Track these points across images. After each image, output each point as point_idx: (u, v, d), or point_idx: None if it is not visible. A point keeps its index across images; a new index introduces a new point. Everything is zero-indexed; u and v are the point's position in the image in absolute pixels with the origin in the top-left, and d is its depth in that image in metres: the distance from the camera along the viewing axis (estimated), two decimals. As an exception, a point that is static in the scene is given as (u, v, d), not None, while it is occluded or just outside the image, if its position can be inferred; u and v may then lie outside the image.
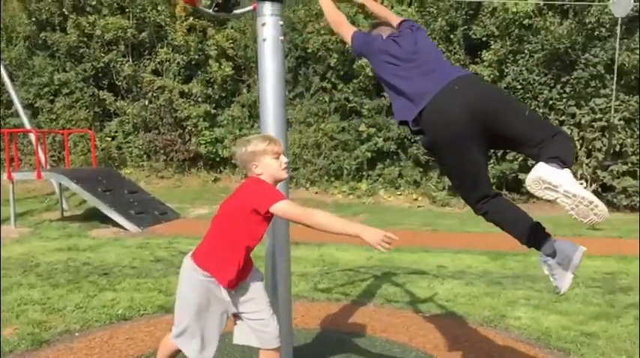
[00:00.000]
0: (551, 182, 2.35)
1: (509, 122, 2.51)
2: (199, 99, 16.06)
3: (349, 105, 15.08)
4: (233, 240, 2.72)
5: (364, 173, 15.09)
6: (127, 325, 4.65)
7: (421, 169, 14.76)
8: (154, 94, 16.18)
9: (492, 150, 13.80)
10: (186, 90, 16.12)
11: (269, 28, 3.38)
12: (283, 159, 2.80)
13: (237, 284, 2.80)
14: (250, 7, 3.54)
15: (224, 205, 2.82)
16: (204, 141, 15.92)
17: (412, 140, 14.45)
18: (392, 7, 14.57)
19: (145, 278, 6.21)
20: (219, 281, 2.74)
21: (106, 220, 9.92)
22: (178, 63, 16.14)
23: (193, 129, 16.07)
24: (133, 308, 5.06)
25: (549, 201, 2.37)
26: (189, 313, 2.78)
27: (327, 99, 15.26)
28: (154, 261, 7.15)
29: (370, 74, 14.19)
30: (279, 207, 2.59)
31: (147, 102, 16.32)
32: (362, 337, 4.35)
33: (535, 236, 2.68)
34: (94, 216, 10.60)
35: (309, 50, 14.94)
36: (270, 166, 2.75)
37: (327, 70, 15.11)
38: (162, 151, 16.32)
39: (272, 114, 3.47)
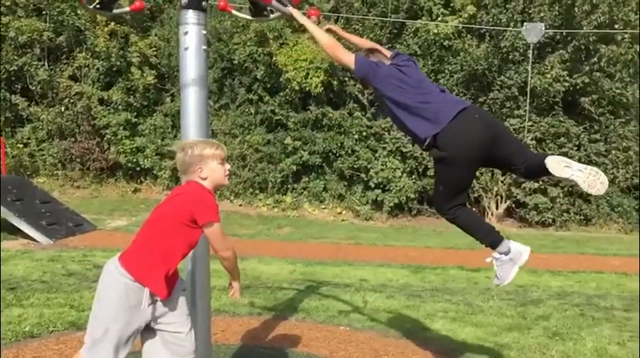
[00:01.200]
0: (568, 162, 2.91)
1: (507, 148, 3.09)
2: (120, 107, 15.54)
3: (275, 117, 15.07)
4: (167, 246, 2.59)
5: (289, 186, 15.09)
6: (35, 343, 4.37)
7: (345, 183, 14.94)
8: (71, 100, 15.51)
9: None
10: (106, 98, 15.57)
11: (191, 37, 3.29)
12: (227, 165, 2.79)
13: (168, 294, 2.64)
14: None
15: (160, 208, 2.69)
16: (124, 151, 15.40)
17: (337, 154, 14.61)
18: (319, 23, 14.72)
19: (55, 293, 5.87)
20: (151, 288, 2.56)
21: (15, 231, 9.35)
22: (98, 69, 15.57)
23: (113, 137, 15.51)
24: (42, 324, 4.75)
25: (565, 178, 2.88)
26: (108, 321, 2.56)
27: (252, 111, 15.18)
28: (66, 275, 6.79)
29: (296, 88, 14.26)
30: (213, 230, 2.58)
31: (63, 109, 15.61)
32: (283, 352, 4.30)
33: (493, 237, 3.14)
34: (1, 227, 9.97)
35: (236, 61, 14.84)
36: (215, 171, 2.72)
37: (254, 82, 15.05)
38: (78, 160, 15.63)
39: (193, 124, 3.38)
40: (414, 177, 14.48)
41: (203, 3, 3.29)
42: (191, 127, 3.42)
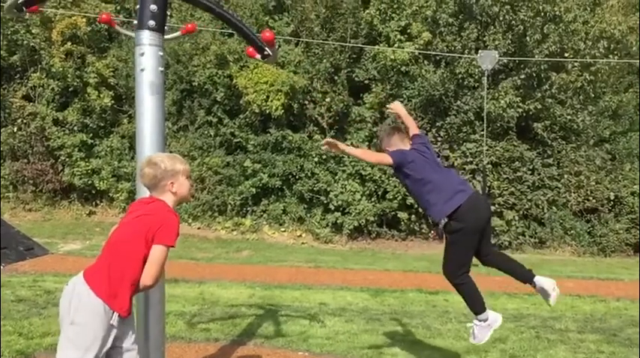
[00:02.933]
0: (554, 286, 3.92)
1: (488, 231, 4.01)
2: (75, 128, 15.20)
3: (235, 140, 14.98)
4: (135, 266, 2.59)
5: (248, 209, 14.96)
6: (-23, 375, 4.16)
7: (305, 206, 14.90)
8: (24, 121, 15.09)
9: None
10: (61, 118, 15.21)
11: (148, 58, 3.26)
12: (191, 180, 2.87)
13: (129, 313, 2.64)
14: None
15: (127, 226, 2.66)
16: (79, 173, 15.03)
17: (297, 176, 14.61)
18: (279, 46, 14.85)
19: (3, 320, 5.62)
20: (117, 308, 2.56)
21: (-40, 256, 8.96)
22: (53, 89, 15.22)
23: (67, 159, 15.13)
24: (-13, 354, 4.55)
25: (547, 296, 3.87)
26: (87, 343, 2.51)
27: (212, 134, 15.06)
28: (15, 302, 6.52)
29: (256, 110, 14.25)
30: (161, 253, 2.61)
31: (16, 129, 15.17)
32: (240, 379, 4.21)
33: (480, 307, 3.83)
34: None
35: (195, 83, 14.74)
36: (183, 186, 2.80)
37: (213, 104, 14.97)
38: (30, 182, 15.17)
39: (149, 146, 3.33)
40: (373, 200, 14.56)
41: (150, 22, 3.25)
42: (147, 149, 3.36)
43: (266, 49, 3.62)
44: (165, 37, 3.67)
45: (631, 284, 9.96)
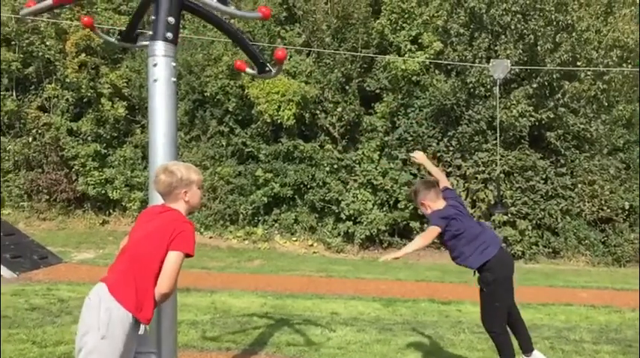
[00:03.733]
0: None
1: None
2: (89, 138, 15.35)
3: (246, 149, 15.05)
4: (155, 274, 2.66)
5: (260, 218, 14.99)
6: (-9, 383, 4.20)
7: (317, 215, 14.91)
8: (39, 131, 15.29)
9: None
10: (75, 129, 15.38)
11: (161, 69, 3.30)
12: (202, 190, 2.98)
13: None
14: None
15: (148, 237, 2.71)
16: (92, 182, 15.17)
17: (308, 186, 14.63)
18: (290, 57, 14.93)
19: (17, 328, 5.67)
20: (143, 320, 2.66)
21: (-24, 265, 9.04)
22: (67, 100, 15.42)
23: (81, 168, 15.29)
24: (1, 362, 4.59)
25: None
26: (117, 355, 2.57)
27: (224, 143, 15.15)
28: (29, 310, 6.58)
29: (268, 120, 14.32)
30: (178, 259, 2.67)
31: (31, 139, 15.36)
32: (251, 389, 4.21)
33: (526, 343, 4.16)
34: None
35: (207, 93, 14.85)
36: (196, 195, 2.89)
37: (225, 114, 15.07)
38: (45, 191, 15.34)
39: (162, 156, 3.36)
40: (384, 209, 14.54)
41: (167, 34, 3.30)
42: (160, 159, 3.39)
43: (268, 65, 3.73)
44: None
45: (646, 295, 9.84)
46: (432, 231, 4.01)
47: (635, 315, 7.72)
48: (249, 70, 4.03)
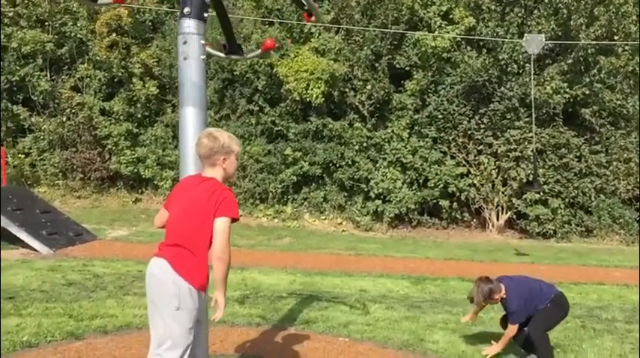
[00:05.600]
0: None
1: None
2: (121, 118, 15.58)
3: (275, 128, 15.08)
4: (207, 244, 2.79)
5: (289, 196, 15.07)
6: (33, 352, 4.35)
7: (346, 194, 14.92)
8: (73, 111, 15.55)
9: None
10: (107, 108, 15.61)
11: (190, 47, 3.32)
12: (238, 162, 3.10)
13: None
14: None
15: (195, 209, 2.81)
16: (125, 161, 15.41)
17: (337, 164, 14.63)
18: (319, 34, 14.83)
19: (54, 302, 5.86)
20: (200, 287, 2.82)
21: (16, 241, 9.33)
22: (100, 79, 15.64)
23: (114, 147, 15.54)
24: (40, 334, 4.74)
25: None
26: (191, 324, 2.80)
27: (253, 122, 15.20)
28: (66, 285, 6.78)
29: (297, 98, 14.31)
30: (227, 224, 2.79)
31: (65, 119, 15.65)
32: (281, 363, 4.28)
33: None
34: (1, 237, 9.95)
35: (236, 72, 14.88)
36: (233, 165, 3.02)
37: (254, 93, 15.09)
38: (79, 170, 15.65)
39: (192, 134, 3.39)
40: (414, 188, 14.46)
41: (204, 14, 3.32)
42: (190, 137, 3.43)
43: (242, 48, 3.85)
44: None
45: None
46: (514, 330, 4.53)
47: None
48: (210, 50, 4.00)
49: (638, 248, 13.71)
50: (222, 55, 4.04)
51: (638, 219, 14.48)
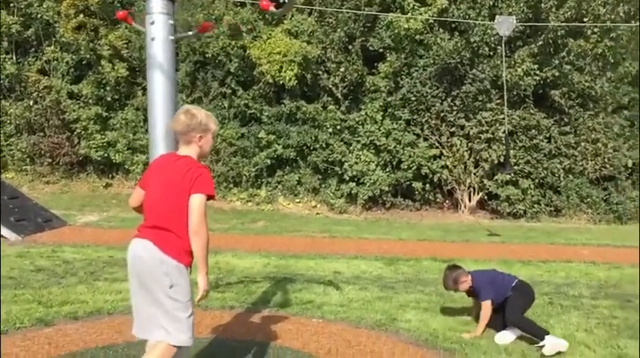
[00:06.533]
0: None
1: None
2: (90, 101, 15.28)
3: (249, 111, 14.98)
4: (186, 222, 2.79)
5: (263, 180, 15.03)
6: (2, 339, 4.28)
7: (320, 177, 14.94)
8: (40, 94, 15.21)
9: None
10: (76, 91, 15.30)
11: (158, 27, 3.26)
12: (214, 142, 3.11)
13: None
14: None
15: (166, 186, 2.82)
16: (95, 145, 15.16)
17: (311, 147, 14.62)
18: (292, 16, 14.70)
19: (23, 289, 5.76)
20: (186, 263, 2.84)
21: (-18, 228, 9.13)
22: (67, 62, 15.29)
23: (83, 132, 15.27)
24: (9, 321, 4.66)
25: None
26: (188, 298, 2.84)
27: (226, 105, 15.06)
28: (35, 271, 6.67)
29: (270, 81, 14.22)
30: (202, 200, 2.78)
31: (32, 103, 15.30)
32: (254, 344, 4.29)
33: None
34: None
35: (208, 55, 14.69)
36: (209, 144, 3.01)
37: (227, 76, 14.94)
38: (47, 155, 15.36)
39: (162, 117, 3.35)
40: (387, 170, 14.54)
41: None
42: (159, 119, 3.38)
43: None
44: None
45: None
46: (489, 307, 4.72)
47: (635, 271, 7.80)
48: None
49: (605, 226, 14.06)
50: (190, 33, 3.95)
51: (605, 198, 14.82)
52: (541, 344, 4.25)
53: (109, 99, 15.45)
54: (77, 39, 14.83)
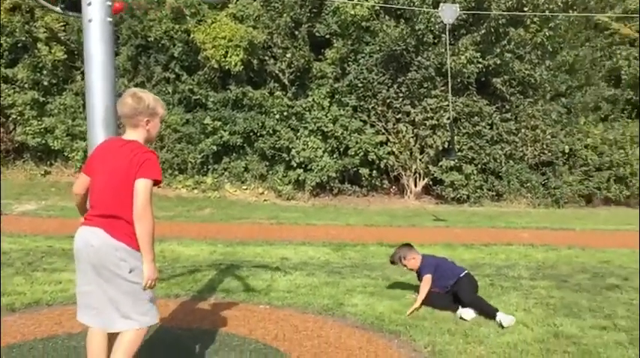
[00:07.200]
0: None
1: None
2: (26, 86, 14.63)
3: (194, 97, 14.71)
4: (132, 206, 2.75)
5: (209, 167, 14.83)
6: None
7: (267, 163, 14.85)
8: (-28, 79, 14.47)
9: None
10: (11, 76, 14.61)
11: (95, 8, 3.14)
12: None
13: None
14: None
15: (113, 172, 2.76)
16: (31, 132, 14.56)
17: (258, 134, 14.51)
18: (237, 1, 14.47)
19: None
20: (139, 248, 2.79)
21: None
22: (1, 45, 14.57)
23: (19, 117, 14.63)
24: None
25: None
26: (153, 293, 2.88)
27: (170, 91, 14.73)
28: (-32, 264, 6.37)
29: (215, 66, 13.98)
30: (148, 185, 2.73)
31: (-38, 88, 14.55)
32: (200, 332, 4.24)
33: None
34: None
35: (151, 38, 14.30)
36: (156, 128, 2.96)
37: (170, 60, 14.59)
38: (-19, 142, 14.67)
39: (100, 101, 3.23)
40: (335, 156, 14.61)
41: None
42: (97, 104, 3.27)
43: None
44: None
45: (582, 234, 10.37)
46: (428, 280, 5.02)
47: (571, 252, 8.14)
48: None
49: (543, 210, 14.60)
50: (57, 9, 3.81)
51: (543, 182, 15.37)
52: (497, 320, 4.57)
53: (46, 83, 14.82)
54: (12, 21, 14.13)
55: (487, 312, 4.72)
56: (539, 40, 14.66)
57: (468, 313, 4.76)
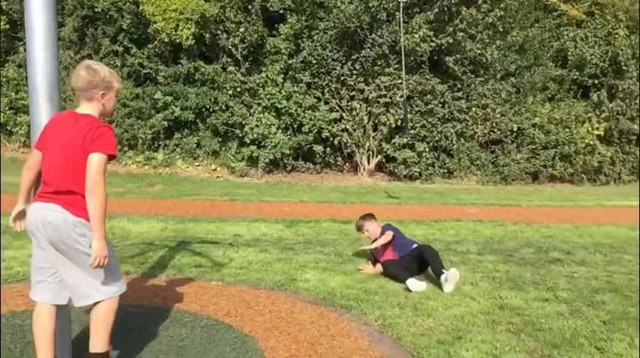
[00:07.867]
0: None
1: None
2: (-35, 57, 13.97)
3: (143, 71, 14.35)
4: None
5: (160, 143, 14.56)
6: None
7: (220, 139, 14.68)
8: None
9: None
10: (-52, 45, 13.92)
11: (36, -27, 2.99)
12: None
13: None
14: None
15: (68, 146, 2.69)
16: (-28, 105, 13.95)
17: (211, 109, 14.30)
18: None
19: None
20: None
21: None
22: (-64, 12, 13.84)
23: (-43, 90, 13.98)
24: None
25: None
26: (113, 259, 2.85)
27: (118, 64, 14.31)
28: None
29: (166, 40, 13.64)
30: (102, 159, 2.68)
31: None
32: (151, 309, 4.20)
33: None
34: None
35: (98, 9, 13.81)
36: (112, 101, 2.91)
37: (119, 33, 14.15)
38: None
39: (42, 73, 3.09)
40: (289, 133, 14.55)
41: None
42: (39, 77, 3.13)
43: None
44: None
45: (528, 210, 10.71)
46: (390, 234, 5.50)
47: (517, 228, 8.41)
48: None
49: (492, 187, 14.98)
50: None
51: (492, 160, 15.75)
52: (442, 278, 4.93)
53: (-14, 54, 14.19)
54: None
55: (437, 269, 5.04)
56: (491, 20, 14.87)
57: (414, 285, 4.87)
